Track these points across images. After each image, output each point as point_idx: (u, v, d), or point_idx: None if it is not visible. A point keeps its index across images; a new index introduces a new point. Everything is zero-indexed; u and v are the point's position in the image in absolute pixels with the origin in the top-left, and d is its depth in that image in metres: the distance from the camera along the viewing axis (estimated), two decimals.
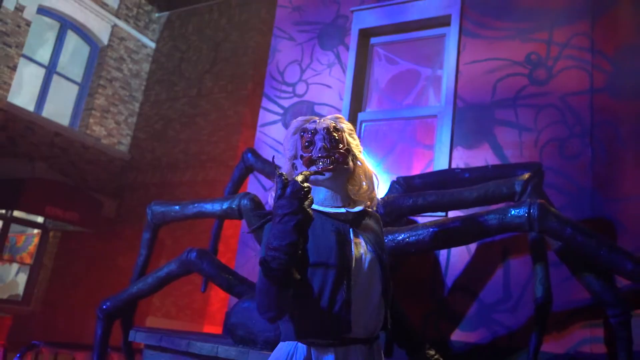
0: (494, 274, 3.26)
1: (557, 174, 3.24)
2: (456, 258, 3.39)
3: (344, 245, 1.54)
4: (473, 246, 3.35)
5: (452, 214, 3.30)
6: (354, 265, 1.53)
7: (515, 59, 3.63)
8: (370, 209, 1.70)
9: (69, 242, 9.27)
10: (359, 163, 1.70)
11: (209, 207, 3.06)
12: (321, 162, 1.62)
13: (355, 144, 1.72)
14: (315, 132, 1.66)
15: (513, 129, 3.49)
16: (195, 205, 3.11)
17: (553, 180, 3.21)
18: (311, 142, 1.65)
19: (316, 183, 1.65)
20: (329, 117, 1.75)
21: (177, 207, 3.14)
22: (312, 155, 1.63)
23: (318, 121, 1.69)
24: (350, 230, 1.59)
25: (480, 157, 3.52)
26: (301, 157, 1.65)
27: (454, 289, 3.32)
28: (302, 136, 1.67)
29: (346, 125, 1.75)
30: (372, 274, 1.56)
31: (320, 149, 1.63)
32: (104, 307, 3.05)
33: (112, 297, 3.10)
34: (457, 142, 3.64)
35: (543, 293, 2.48)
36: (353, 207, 1.65)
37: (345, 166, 1.64)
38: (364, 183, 1.70)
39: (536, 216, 2.27)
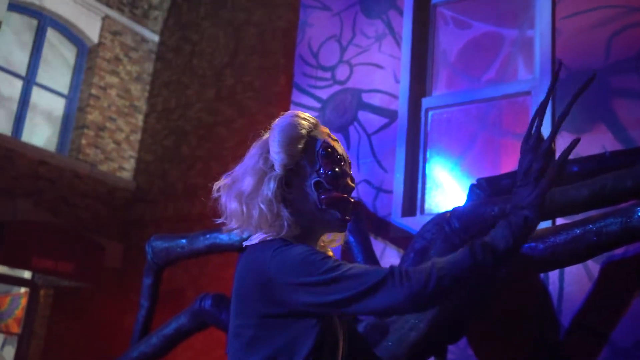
0: (629, 304, 3.15)
1: None
2: (573, 286, 3.31)
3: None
4: (595, 267, 3.24)
5: (556, 222, 3.19)
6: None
7: (635, 4, 3.54)
8: None
9: (64, 302, 9.51)
10: None
11: (225, 238, 3.08)
12: (346, 209, 1.75)
13: None
14: (343, 160, 1.78)
15: (639, 100, 3.41)
16: (208, 236, 3.15)
17: None
18: (341, 176, 1.74)
19: (312, 234, 1.76)
20: (326, 130, 1.83)
21: (183, 241, 3.18)
22: (346, 195, 1.74)
23: (337, 142, 1.81)
24: None
25: (596, 143, 3.43)
26: (318, 184, 1.71)
27: (572, 328, 3.24)
28: (330, 154, 1.75)
29: None
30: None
31: (350, 191, 1.76)
32: None
33: None
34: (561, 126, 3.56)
35: None
36: None
37: None
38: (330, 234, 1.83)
39: None
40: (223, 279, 8.31)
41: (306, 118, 1.77)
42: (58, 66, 10.33)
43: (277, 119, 1.80)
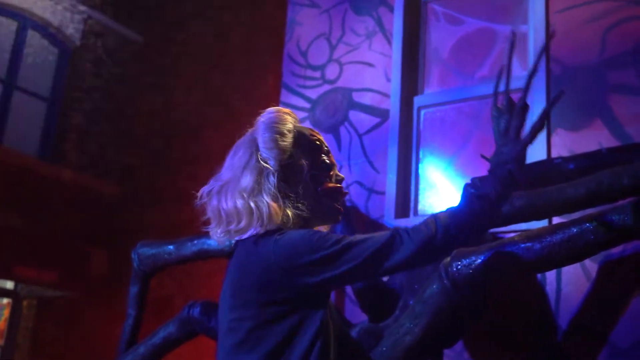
0: (628, 304, 3.16)
1: None
2: (570, 286, 3.32)
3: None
4: (592, 266, 3.25)
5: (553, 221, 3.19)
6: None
7: None
8: None
9: (49, 312, 9.48)
10: None
11: (213, 243, 3.08)
12: (340, 200, 1.88)
13: None
14: (329, 151, 1.90)
15: (636, 95, 3.42)
16: (195, 242, 3.16)
17: None
18: (332, 167, 1.88)
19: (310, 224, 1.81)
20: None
21: (170, 247, 3.20)
22: (340, 185, 1.87)
23: (320, 134, 1.94)
24: None
25: (592, 140, 3.45)
26: (314, 176, 1.81)
27: (571, 330, 3.24)
28: (319, 146, 1.87)
29: None
30: None
31: (341, 181, 1.90)
32: None
33: None
34: (556, 122, 3.59)
35: None
36: None
37: None
38: None
39: None
40: (212, 286, 8.29)
41: (289, 113, 1.87)
42: (39, 69, 10.29)
43: (260, 117, 1.87)
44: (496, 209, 1.74)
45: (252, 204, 1.71)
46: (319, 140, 1.88)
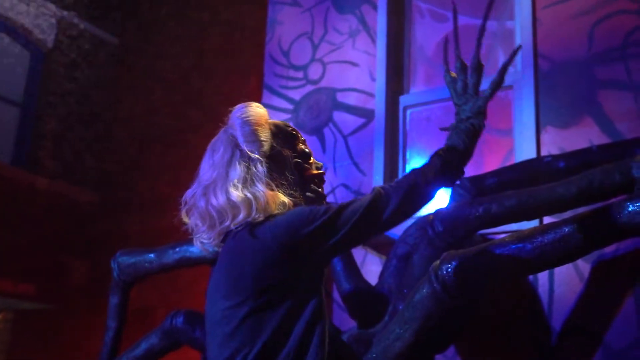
0: (622, 304, 3.18)
1: None
2: (563, 287, 3.34)
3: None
4: (585, 266, 3.27)
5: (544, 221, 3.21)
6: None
7: None
8: None
9: (27, 326, 9.42)
10: None
11: (196, 250, 3.07)
12: (322, 185, 1.97)
13: None
14: (306, 142, 2.00)
15: (625, 91, 3.44)
16: (177, 249, 3.15)
17: None
18: (311, 154, 1.97)
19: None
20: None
21: (151, 256, 3.19)
22: (322, 172, 1.97)
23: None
24: None
25: (582, 137, 3.47)
26: (297, 164, 1.89)
27: (565, 331, 3.26)
28: (296, 136, 1.95)
29: None
30: None
31: (321, 167, 1.98)
32: None
33: None
34: (545, 120, 3.61)
35: None
36: None
37: None
38: None
39: None
40: (195, 295, 8.26)
41: (260, 106, 1.96)
42: (11, 73, 10.22)
43: (233, 113, 1.95)
44: (465, 158, 1.93)
45: (248, 194, 1.74)
46: (294, 130, 1.97)
